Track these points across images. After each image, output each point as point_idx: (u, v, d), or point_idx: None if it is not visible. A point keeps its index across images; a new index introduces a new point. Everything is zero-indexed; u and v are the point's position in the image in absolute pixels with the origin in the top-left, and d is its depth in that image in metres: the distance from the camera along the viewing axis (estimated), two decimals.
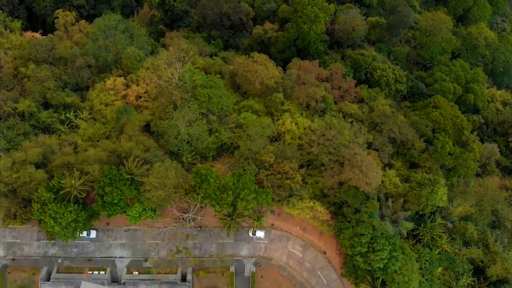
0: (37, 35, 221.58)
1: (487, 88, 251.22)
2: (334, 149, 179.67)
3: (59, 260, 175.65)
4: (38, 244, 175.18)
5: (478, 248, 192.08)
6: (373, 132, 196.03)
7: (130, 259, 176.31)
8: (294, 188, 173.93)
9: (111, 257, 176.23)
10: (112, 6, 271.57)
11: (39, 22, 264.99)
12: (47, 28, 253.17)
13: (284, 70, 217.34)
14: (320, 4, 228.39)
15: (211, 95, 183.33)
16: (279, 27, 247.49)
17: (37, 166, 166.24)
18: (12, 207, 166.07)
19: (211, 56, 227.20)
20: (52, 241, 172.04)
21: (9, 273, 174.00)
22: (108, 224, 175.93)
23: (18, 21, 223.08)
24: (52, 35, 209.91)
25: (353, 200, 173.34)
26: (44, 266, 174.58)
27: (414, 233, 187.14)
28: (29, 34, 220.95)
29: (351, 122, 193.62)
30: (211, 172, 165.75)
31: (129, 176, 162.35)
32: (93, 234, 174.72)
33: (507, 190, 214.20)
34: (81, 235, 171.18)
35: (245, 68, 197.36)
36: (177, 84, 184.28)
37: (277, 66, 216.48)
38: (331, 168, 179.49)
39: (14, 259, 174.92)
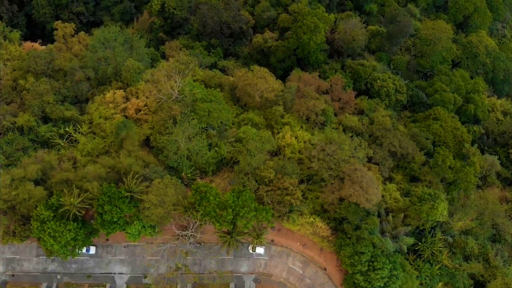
0: (36, 45, 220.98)
1: (488, 96, 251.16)
2: (335, 164, 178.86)
3: (59, 276, 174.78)
4: (37, 260, 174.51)
5: (479, 262, 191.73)
6: (373, 146, 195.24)
7: (129, 275, 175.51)
8: (294, 204, 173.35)
9: (111, 273, 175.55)
10: (111, 13, 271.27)
11: (38, 29, 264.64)
12: (46, 35, 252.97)
13: (284, 78, 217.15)
14: (320, 14, 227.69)
15: (211, 110, 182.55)
16: (279, 36, 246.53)
17: (36, 182, 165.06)
18: (11, 225, 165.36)
19: (210, 68, 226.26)
20: (52, 257, 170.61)
21: None
22: (107, 240, 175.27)
23: (17, 31, 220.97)
24: (51, 46, 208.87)
25: (353, 217, 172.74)
26: (43, 282, 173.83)
27: (415, 248, 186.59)
28: (28, 44, 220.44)
29: (351, 137, 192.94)
30: (211, 189, 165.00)
31: (128, 193, 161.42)
32: (92, 250, 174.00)
33: (508, 202, 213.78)
34: (80, 251, 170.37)
35: (245, 82, 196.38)
36: (177, 98, 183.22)
37: (277, 75, 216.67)
38: (331, 183, 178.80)
39: (13, 275, 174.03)
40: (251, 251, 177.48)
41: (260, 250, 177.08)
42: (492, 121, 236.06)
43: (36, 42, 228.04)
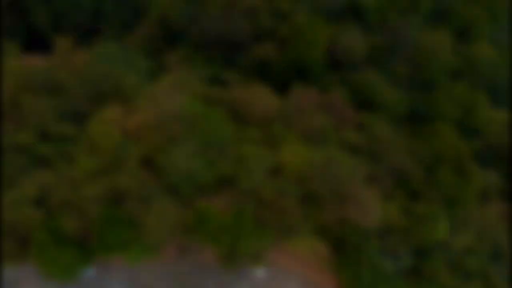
0: (36, 59, 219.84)
1: (487, 108, 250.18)
2: (335, 184, 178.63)
3: None
4: (36, 281, 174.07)
5: (479, 281, 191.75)
6: (373, 163, 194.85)
7: None
8: (294, 224, 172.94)
9: None
10: (111, 21, 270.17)
11: (37, 38, 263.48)
12: (46, 44, 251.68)
13: (283, 91, 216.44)
14: (319, 27, 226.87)
15: (210, 127, 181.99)
16: (278, 47, 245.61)
17: (35, 203, 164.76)
18: (10, 247, 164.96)
19: (210, 81, 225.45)
20: None
21: None
22: (107, 260, 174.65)
23: (16, 43, 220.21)
24: (50, 61, 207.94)
25: (353, 237, 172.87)
26: None
27: (414, 267, 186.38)
28: (27, 58, 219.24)
29: (351, 154, 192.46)
30: (210, 211, 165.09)
31: (127, 216, 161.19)
32: (92, 271, 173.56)
33: (507, 217, 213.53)
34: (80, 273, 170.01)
35: (244, 98, 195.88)
36: (177, 115, 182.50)
37: (276, 87, 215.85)
38: (331, 203, 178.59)
39: None
40: (250, 272, 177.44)
41: (259, 270, 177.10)
42: (492, 134, 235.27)
43: (35, 53, 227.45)
